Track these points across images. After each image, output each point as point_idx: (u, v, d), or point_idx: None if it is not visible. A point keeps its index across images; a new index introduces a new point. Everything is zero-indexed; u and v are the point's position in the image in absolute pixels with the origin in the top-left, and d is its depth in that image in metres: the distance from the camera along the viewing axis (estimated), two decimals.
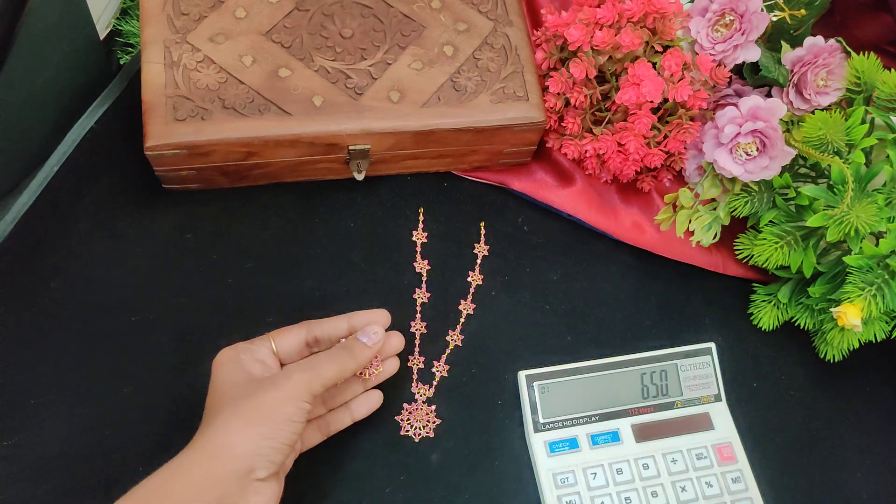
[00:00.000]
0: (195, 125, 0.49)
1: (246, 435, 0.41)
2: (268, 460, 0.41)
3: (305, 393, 0.43)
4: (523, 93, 0.54)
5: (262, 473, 0.41)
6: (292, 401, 0.43)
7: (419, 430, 0.50)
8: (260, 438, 0.42)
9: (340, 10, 0.54)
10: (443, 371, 0.52)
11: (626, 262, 0.58)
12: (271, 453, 0.42)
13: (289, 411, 0.42)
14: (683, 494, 0.49)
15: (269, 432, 0.42)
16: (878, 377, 0.57)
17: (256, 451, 0.41)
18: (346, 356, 0.45)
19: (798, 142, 0.51)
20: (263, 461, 0.41)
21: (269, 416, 0.42)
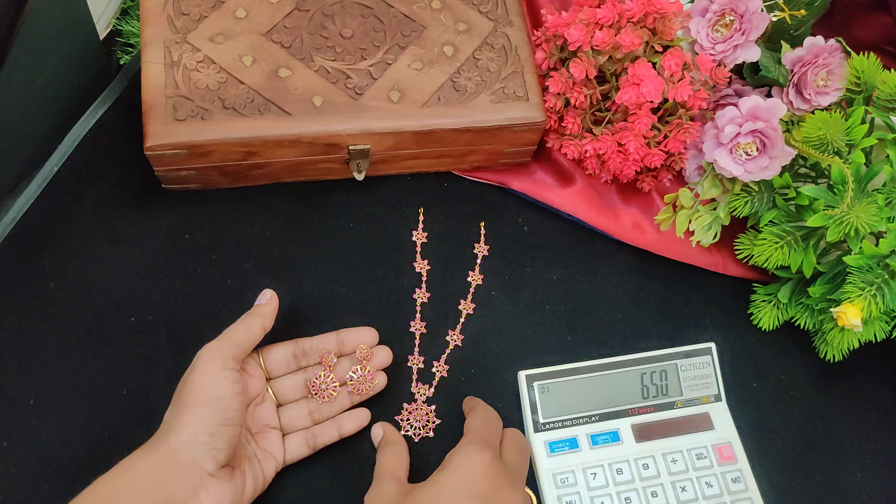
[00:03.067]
0: (195, 125, 0.49)
1: (179, 425, 0.39)
2: (209, 447, 0.39)
3: (220, 360, 0.41)
4: (523, 93, 0.54)
5: (208, 465, 0.39)
6: (211, 373, 0.41)
7: (419, 431, 0.50)
8: (192, 425, 0.39)
9: (340, 11, 0.54)
10: (443, 371, 0.52)
11: (626, 262, 0.58)
12: (210, 439, 0.39)
13: (212, 386, 0.40)
14: (683, 494, 0.49)
15: (200, 416, 0.40)
16: (878, 377, 0.57)
17: (192, 438, 0.39)
18: (249, 317, 0.45)
19: (798, 142, 0.51)
20: (204, 450, 0.39)
21: (195, 397, 0.40)
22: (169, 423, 0.40)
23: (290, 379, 0.48)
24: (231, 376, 0.41)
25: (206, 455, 0.39)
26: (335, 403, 0.48)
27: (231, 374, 0.41)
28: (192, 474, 0.39)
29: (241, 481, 0.42)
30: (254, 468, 0.44)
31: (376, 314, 0.52)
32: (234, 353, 0.42)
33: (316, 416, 0.48)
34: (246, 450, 0.44)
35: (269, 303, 0.47)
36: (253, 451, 0.45)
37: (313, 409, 0.48)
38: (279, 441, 0.46)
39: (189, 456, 0.39)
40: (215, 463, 0.40)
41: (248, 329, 0.45)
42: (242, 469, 0.43)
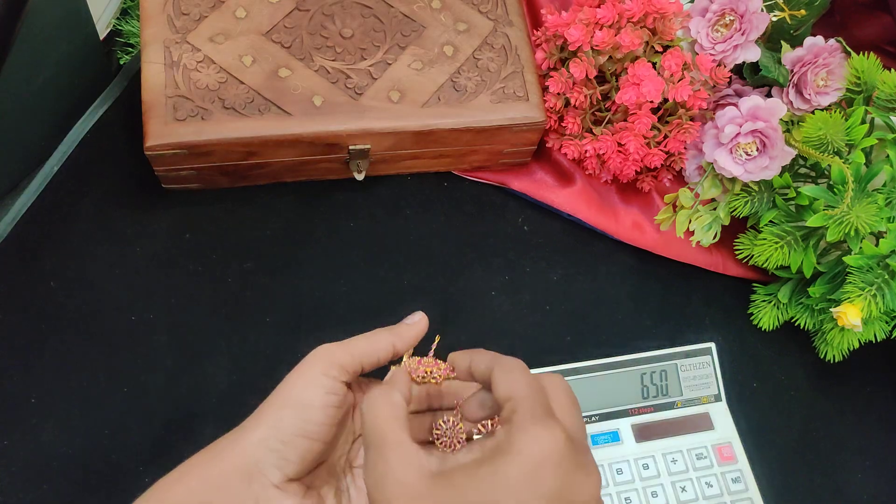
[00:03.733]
0: (195, 125, 0.49)
1: (255, 424, 0.35)
2: (278, 457, 0.34)
3: (323, 364, 0.36)
4: (523, 93, 0.54)
5: (274, 476, 0.34)
6: (307, 376, 0.36)
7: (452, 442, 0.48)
8: (267, 427, 0.35)
9: (340, 11, 0.54)
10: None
11: (626, 262, 0.58)
12: (282, 447, 0.34)
13: (302, 389, 0.36)
14: (683, 494, 0.49)
15: (278, 419, 0.35)
16: (878, 377, 0.57)
17: (262, 442, 0.35)
18: (382, 331, 0.39)
19: (798, 142, 0.51)
20: (273, 457, 0.34)
21: (280, 397, 0.36)
22: (248, 421, 0.36)
23: (415, 419, 0.41)
24: (328, 385, 0.36)
25: (273, 463, 0.35)
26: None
27: (329, 382, 0.36)
28: (256, 483, 0.34)
29: (321, 500, 0.37)
30: (355, 497, 0.39)
31: (376, 314, 0.52)
32: (344, 361, 0.37)
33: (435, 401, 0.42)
34: (338, 479, 0.39)
35: (413, 325, 0.41)
36: (347, 485, 0.39)
37: (432, 391, 0.42)
38: None
39: (254, 461, 0.35)
40: (282, 475, 0.35)
41: (373, 343, 0.39)
42: (322, 495, 0.37)
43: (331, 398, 0.36)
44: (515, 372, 0.35)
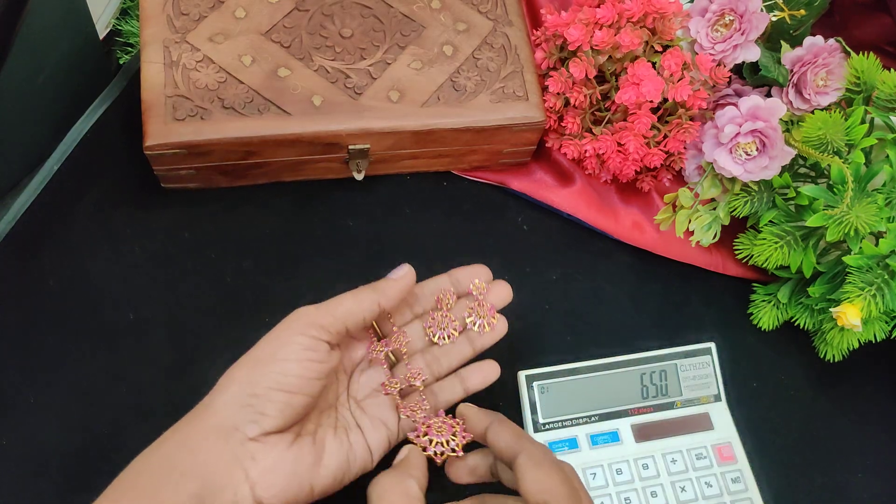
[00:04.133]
0: (194, 125, 0.49)
1: (224, 386, 0.35)
2: (253, 412, 0.34)
3: (301, 325, 0.36)
4: (523, 92, 0.54)
5: (251, 430, 0.34)
6: (284, 335, 0.36)
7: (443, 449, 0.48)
8: (237, 383, 0.35)
9: (340, 10, 0.54)
10: None
11: (625, 262, 0.58)
12: (254, 401, 0.34)
13: (276, 346, 0.36)
14: (683, 494, 0.49)
15: (248, 374, 0.35)
16: (877, 377, 0.57)
17: (233, 398, 0.34)
18: (367, 289, 0.40)
19: (798, 142, 0.51)
20: (245, 413, 0.34)
21: (253, 354, 0.36)
22: (220, 381, 0.37)
23: (407, 328, 0.44)
24: (306, 343, 0.36)
25: (247, 418, 0.34)
26: (455, 352, 0.44)
27: (307, 341, 0.36)
28: (232, 439, 0.34)
29: (310, 450, 0.37)
30: (350, 439, 0.39)
31: None
32: (325, 321, 0.37)
33: (435, 369, 0.43)
34: (336, 418, 0.40)
35: (398, 280, 0.41)
36: (353, 420, 0.40)
37: (431, 360, 0.43)
38: (392, 406, 0.41)
39: (228, 418, 0.34)
40: (259, 429, 0.35)
41: (357, 302, 0.39)
42: (318, 437, 0.38)
43: (309, 354, 0.36)
44: (549, 468, 0.34)
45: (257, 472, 0.34)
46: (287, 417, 0.36)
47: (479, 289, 0.45)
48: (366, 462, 0.39)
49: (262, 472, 0.34)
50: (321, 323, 0.37)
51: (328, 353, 0.38)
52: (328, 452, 0.38)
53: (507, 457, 0.36)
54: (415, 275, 0.42)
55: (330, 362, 0.38)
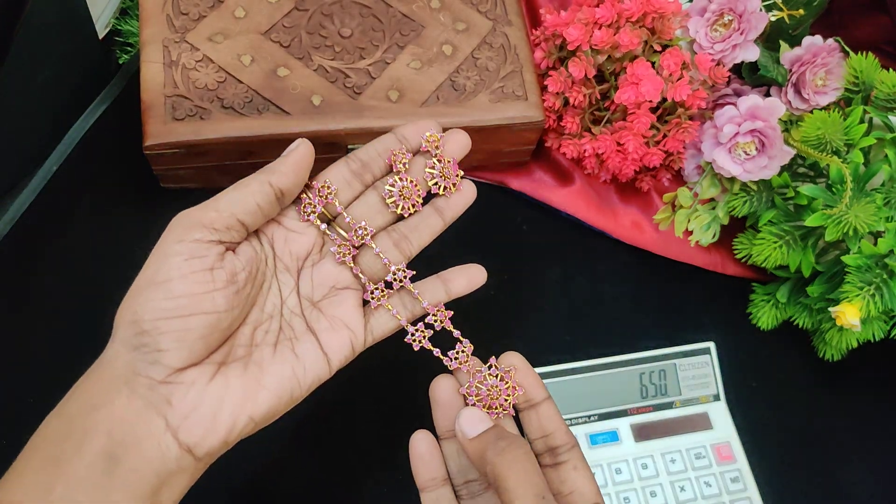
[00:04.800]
0: (194, 124, 0.49)
1: (115, 327, 0.31)
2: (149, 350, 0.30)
3: (178, 230, 0.31)
4: (522, 92, 0.54)
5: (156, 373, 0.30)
6: (160, 250, 0.31)
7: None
8: (124, 326, 0.30)
9: (339, 10, 0.54)
10: None
11: (624, 262, 0.58)
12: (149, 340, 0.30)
13: (156, 266, 0.31)
14: (682, 494, 0.49)
15: (132, 312, 0.30)
16: (876, 377, 0.57)
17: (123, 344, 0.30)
18: (256, 173, 0.34)
19: (797, 141, 0.51)
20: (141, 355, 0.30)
21: (137, 283, 0.31)
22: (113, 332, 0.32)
23: (360, 205, 0.37)
24: (187, 251, 0.31)
25: (144, 360, 0.30)
26: (424, 227, 0.38)
27: (188, 247, 0.31)
28: (138, 386, 0.30)
29: (241, 377, 0.32)
30: (297, 351, 0.34)
31: None
32: (206, 219, 0.32)
33: (406, 249, 0.37)
34: (282, 330, 0.35)
35: (289, 155, 0.35)
36: (304, 326, 0.35)
37: (399, 239, 0.37)
38: (356, 304, 0.36)
39: (125, 365, 0.30)
40: (165, 368, 0.30)
41: (243, 186, 0.33)
42: (256, 360, 0.33)
43: (194, 265, 0.31)
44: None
45: (177, 417, 0.30)
46: (193, 346, 0.31)
47: (434, 142, 0.37)
48: (319, 372, 0.34)
49: (182, 416, 0.30)
50: (203, 222, 0.32)
51: (223, 257, 0.32)
52: (268, 374, 0.33)
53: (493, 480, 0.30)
54: (310, 147, 0.36)
55: (230, 267, 0.32)
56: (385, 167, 0.38)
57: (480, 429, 0.33)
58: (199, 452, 0.31)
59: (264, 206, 0.34)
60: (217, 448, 0.31)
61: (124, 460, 0.29)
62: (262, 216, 0.34)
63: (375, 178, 0.38)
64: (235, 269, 0.33)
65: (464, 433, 0.33)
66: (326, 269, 0.37)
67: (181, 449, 0.30)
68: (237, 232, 0.33)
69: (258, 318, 0.35)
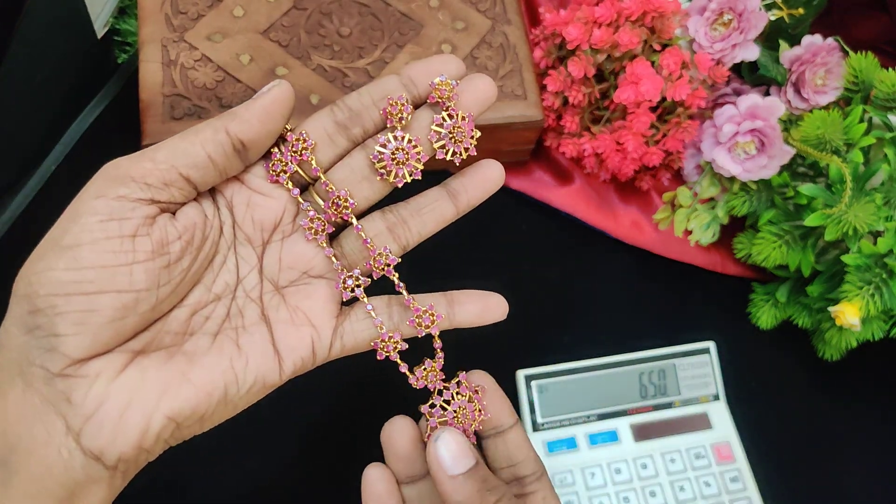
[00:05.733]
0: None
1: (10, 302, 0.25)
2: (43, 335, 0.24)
3: (109, 180, 0.25)
4: (521, 91, 0.54)
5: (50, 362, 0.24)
6: (81, 199, 0.25)
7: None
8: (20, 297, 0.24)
9: (338, 9, 0.54)
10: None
11: (624, 262, 0.58)
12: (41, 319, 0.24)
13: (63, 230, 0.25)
14: (682, 494, 0.49)
15: (27, 284, 0.24)
16: (876, 376, 0.57)
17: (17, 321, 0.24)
18: (208, 121, 0.27)
19: (796, 141, 0.51)
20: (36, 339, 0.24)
21: (38, 248, 0.25)
22: None
23: (343, 168, 0.29)
24: (105, 210, 0.25)
25: (38, 346, 0.24)
26: (429, 210, 0.31)
27: (107, 206, 0.25)
28: (33, 379, 0.24)
29: (160, 372, 0.26)
30: (240, 341, 0.28)
31: None
32: (139, 171, 0.26)
33: (403, 237, 0.31)
34: (230, 317, 0.29)
35: (262, 95, 0.27)
36: (258, 313, 0.29)
37: (395, 223, 0.31)
38: (329, 298, 0.29)
39: (16, 351, 0.24)
40: (60, 357, 0.24)
41: (192, 134, 0.27)
42: (188, 351, 0.27)
43: (110, 228, 0.25)
44: None
45: (78, 418, 0.24)
46: (99, 333, 0.24)
47: (446, 91, 0.29)
48: (266, 372, 0.28)
49: (84, 416, 0.24)
50: (132, 174, 0.25)
51: (153, 221, 0.26)
52: (198, 366, 0.27)
53: None
54: (289, 90, 0.28)
55: (160, 234, 0.26)
56: (379, 119, 0.29)
57: (465, 467, 0.27)
58: (109, 460, 0.25)
59: (218, 160, 0.27)
60: (132, 455, 0.25)
61: (21, 468, 0.24)
62: (215, 172, 0.27)
63: (367, 133, 0.30)
64: (167, 236, 0.26)
65: (443, 466, 0.27)
66: (300, 247, 0.30)
67: (87, 456, 0.24)
68: (179, 190, 0.27)
69: (200, 299, 0.28)
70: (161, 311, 0.27)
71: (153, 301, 0.26)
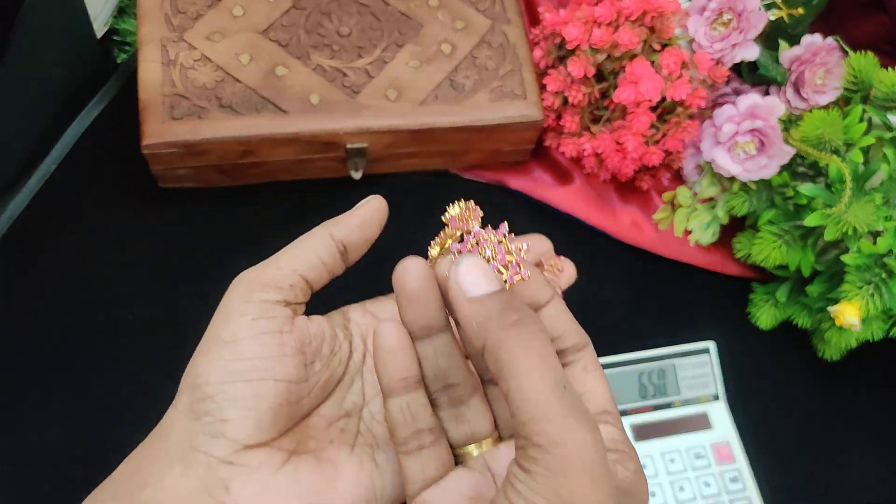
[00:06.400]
0: (192, 124, 0.49)
1: (176, 400, 0.27)
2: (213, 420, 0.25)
3: (241, 291, 0.28)
4: (521, 91, 0.54)
5: (214, 448, 0.25)
6: (223, 312, 0.28)
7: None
8: (188, 391, 0.26)
9: (338, 9, 0.54)
10: None
11: (624, 261, 0.58)
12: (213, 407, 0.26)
13: (220, 328, 0.27)
14: (681, 494, 0.49)
15: (195, 375, 0.27)
16: (876, 376, 0.57)
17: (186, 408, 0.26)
18: (315, 228, 0.31)
19: (796, 140, 0.51)
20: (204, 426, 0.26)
21: (201, 346, 0.28)
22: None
23: None
24: (254, 311, 0.28)
25: (205, 431, 0.26)
26: None
27: (255, 308, 0.28)
28: (195, 464, 0.25)
29: (313, 471, 0.27)
30: (377, 459, 0.29)
31: None
32: (269, 278, 0.29)
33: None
34: (361, 429, 0.30)
35: (360, 207, 0.31)
36: (385, 436, 0.30)
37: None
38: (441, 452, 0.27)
39: (183, 437, 0.26)
40: (230, 444, 0.25)
41: (305, 242, 0.30)
42: (329, 456, 0.28)
43: (262, 325, 0.27)
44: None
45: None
46: (262, 419, 0.26)
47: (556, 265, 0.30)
48: (401, 490, 0.28)
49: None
50: (265, 281, 0.28)
51: (292, 322, 0.28)
52: (344, 476, 0.28)
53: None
54: (382, 203, 0.32)
55: (300, 333, 0.28)
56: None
57: (486, 289, 0.25)
58: None
59: (328, 261, 0.30)
60: None
61: None
62: (326, 272, 0.30)
63: None
64: (305, 336, 0.29)
65: (462, 289, 0.25)
66: None
67: None
68: (301, 290, 0.29)
69: (333, 413, 0.30)
70: (304, 409, 0.29)
71: (302, 394, 0.28)
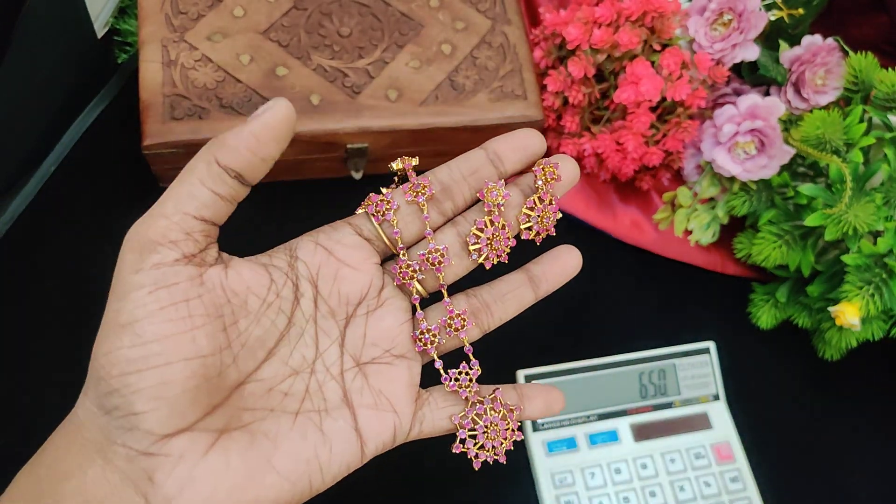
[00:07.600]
0: (192, 124, 0.49)
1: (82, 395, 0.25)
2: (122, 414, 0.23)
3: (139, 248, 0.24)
4: (521, 91, 0.54)
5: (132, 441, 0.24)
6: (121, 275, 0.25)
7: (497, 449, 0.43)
8: (93, 384, 0.24)
9: (338, 9, 0.54)
10: None
11: (624, 262, 0.58)
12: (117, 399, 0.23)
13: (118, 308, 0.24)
14: (682, 494, 0.49)
15: (98, 366, 0.24)
16: (876, 376, 0.57)
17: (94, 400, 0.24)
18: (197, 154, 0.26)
19: (796, 141, 0.51)
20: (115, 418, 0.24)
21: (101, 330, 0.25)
22: None
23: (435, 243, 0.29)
24: (151, 279, 0.24)
25: (117, 425, 0.24)
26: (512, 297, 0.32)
27: (152, 275, 0.24)
28: (114, 457, 0.24)
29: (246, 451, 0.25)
30: (323, 427, 0.27)
31: None
32: (160, 231, 0.25)
33: (485, 321, 0.31)
34: (309, 394, 0.28)
35: (255, 119, 0.26)
36: (340, 394, 0.28)
37: (479, 307, 0.31)
38: (410, 382, 0.29)
39: (97, 429, 0.24)
40: (142, 436, 0.24)
41: (193, 178, 0.25)
42: (267, 430, 0.26)
43: (161, 296, 0.24)
44: None
45: (160, 498, 0.24)
46: (176, 404, 0.24)
47: (552, 175, 0.30)
48: (350, 459, 0.27)
49: (166, 499, 0.24)
50: (154, 238, 0.24)
51: (200, 279, 0.25)
52: (282, 452, 0.26)
53: None
54: (283, 112, 0.26)
55: (211, 295, 0.25)
56: (469, 195, 0.30)
57: None
58: None
59: (223, 191, 0.26)
60: None
61: None
62: (224, 204, 0.26)
63: (457, 209, 0.30)
64: (219, 295, 0.26)
65: None
66: (386, 324, 0.29)
67: None
68: (202, 234, 0.26)
69: (277, 374, 0.27)
70: (231, 378, 0.26)
71: (219, 366, 0.25)
